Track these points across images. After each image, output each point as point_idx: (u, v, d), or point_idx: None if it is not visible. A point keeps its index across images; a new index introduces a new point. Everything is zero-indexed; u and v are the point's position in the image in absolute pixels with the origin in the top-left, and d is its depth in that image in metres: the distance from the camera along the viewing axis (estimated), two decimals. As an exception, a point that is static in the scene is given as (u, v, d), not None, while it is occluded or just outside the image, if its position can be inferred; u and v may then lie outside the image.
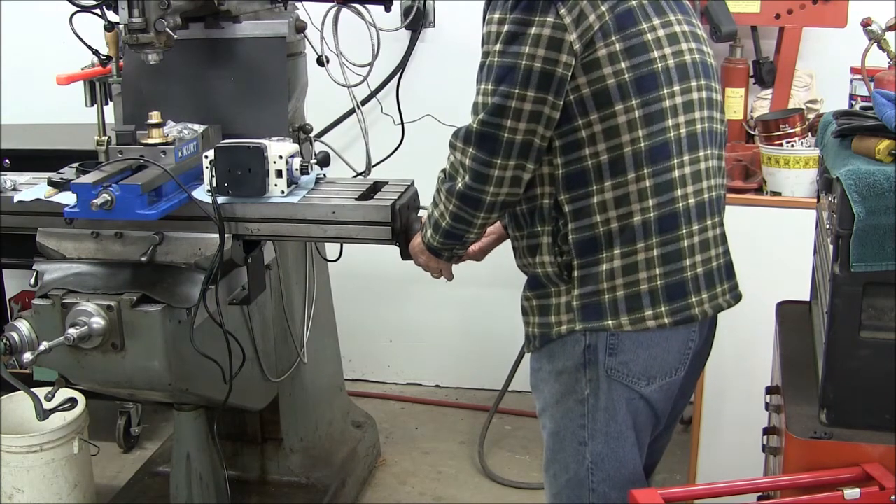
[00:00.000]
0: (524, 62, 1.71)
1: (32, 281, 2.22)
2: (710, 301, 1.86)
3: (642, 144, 1.76)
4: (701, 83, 1.85)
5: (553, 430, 1.95)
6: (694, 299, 1.84)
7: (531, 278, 1.92)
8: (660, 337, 1.83)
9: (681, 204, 1.80)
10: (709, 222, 1.86)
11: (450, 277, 2.10)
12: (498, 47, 1.74)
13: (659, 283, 1.80)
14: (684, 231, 1.81)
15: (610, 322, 1.81)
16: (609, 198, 1.78)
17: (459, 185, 1.81)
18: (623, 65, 1.74)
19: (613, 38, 1.73)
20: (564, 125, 1.77)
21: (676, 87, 1.79)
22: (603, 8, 1.72)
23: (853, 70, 2.84)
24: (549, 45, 1.70)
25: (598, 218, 1.79)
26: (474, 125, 1.77)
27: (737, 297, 1.94)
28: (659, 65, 1.77)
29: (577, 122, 1.76)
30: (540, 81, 1.71)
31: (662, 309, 1.81)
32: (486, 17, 1.79)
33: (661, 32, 1.79)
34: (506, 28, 1.73)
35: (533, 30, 1.71)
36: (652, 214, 1.78)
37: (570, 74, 1.72)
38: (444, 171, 1.88)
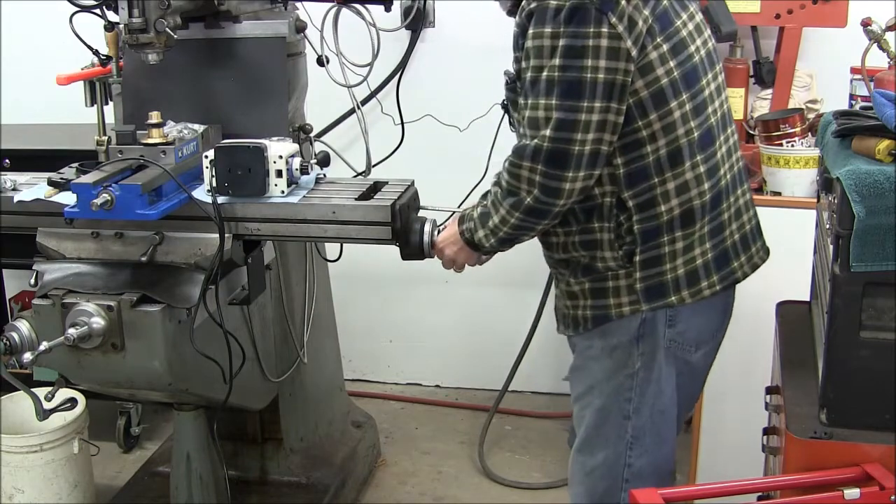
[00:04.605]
0: (588, 75, 1.75)
1: (32, 281, 2.21)
2: (748, 262, 2.00)
3: (695, 134, 1.85)
4: (717, 68, 1.95)
5: (600, 405, 2.00)
6: (735, 264, 1.97)
7: (583, 267, 1.96)
8: (710, 303, 1.95)
9: (724, 181, 1.92)
10: (739, 191, 1.99)
11: (461, 269, 2.14)
12: (557, 62, 1.77)
13: (710, 255, 1.92)
14: (724, 205, 1.93)
15: (673, 298, 1.91)
16: (671, 188, 1.86)
17: (528, 199, 1.85)
18: (671, 63, 1.81)
19: (659, 40, 1.80)
20: (624, 127, 1.82)
21: (710, 76, 1.90)
22: (646, 12, 1.78)
23: (853, 70, 2.84)
24: (608, 55, 1.75)
25: (663, 208, 1.87)
26: (543, 142, 1.80)
27: (767, 252, 2.07)
28: (696, 58, 1.86)
29: (637, 124, 1.82)
30: (604, 91, 1.76)
31: (714, 278, 1.93)
32: (532, 31, 1.80)
33: (690, 26, 1.87)
34: (561, 42, 1.76)
35: (591, 42, 1.74)
36: (707, 196, 1.89)
37: (630, 80, 1.78)
38: (498, 185, 1.90)
